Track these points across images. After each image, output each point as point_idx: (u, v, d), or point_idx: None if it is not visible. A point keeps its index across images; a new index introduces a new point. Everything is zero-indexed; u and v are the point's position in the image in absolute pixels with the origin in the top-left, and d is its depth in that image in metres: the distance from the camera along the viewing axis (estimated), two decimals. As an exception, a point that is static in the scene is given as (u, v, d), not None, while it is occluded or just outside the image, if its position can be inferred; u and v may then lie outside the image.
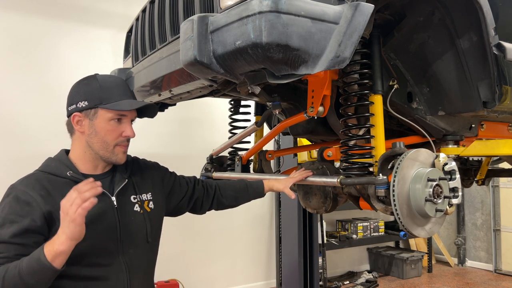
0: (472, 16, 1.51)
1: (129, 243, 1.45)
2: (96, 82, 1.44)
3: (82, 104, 1.42)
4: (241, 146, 2.45)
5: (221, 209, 1.85)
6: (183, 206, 1.75)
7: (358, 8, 1.19)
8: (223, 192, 1.82)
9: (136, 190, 1.53)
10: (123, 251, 1.43)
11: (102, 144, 1.42)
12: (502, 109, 1.72)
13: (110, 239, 1.40)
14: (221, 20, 1.19)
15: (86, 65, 4.11)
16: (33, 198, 1.31)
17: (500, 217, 5.69)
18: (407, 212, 1.40)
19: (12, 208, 1.30)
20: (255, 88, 1.74)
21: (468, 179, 3.02)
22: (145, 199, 1.54)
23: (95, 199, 1.18)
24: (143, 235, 1.49)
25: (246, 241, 4.97)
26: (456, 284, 5.25)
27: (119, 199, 1.45)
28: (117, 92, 1.44)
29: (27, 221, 1.27)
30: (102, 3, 4.28)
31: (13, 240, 1.25)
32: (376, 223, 5.44)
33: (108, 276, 1.38)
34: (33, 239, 1.27)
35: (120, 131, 1.44)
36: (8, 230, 1.26)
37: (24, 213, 1.29)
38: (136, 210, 1.49)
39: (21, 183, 1.38)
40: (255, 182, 1.88)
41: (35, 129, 3.86)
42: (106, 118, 1.41)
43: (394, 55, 1.73)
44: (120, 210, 1.44)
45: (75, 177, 1.40)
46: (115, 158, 1.45)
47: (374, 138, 1.59)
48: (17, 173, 1.57)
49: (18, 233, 1.26)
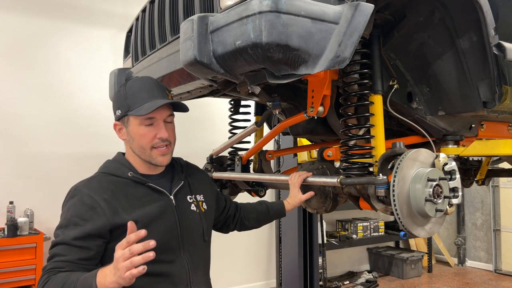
0: (472, 16, 1.51)
1: (189, 241, 1.48)
2: (124, 89, 1.46)
3: (118, 113, 1.47)
4: (241, 146, 2.45)
5: (242, 230, 1.90)
6: (220, 221, 1.79)
7: (358, 8, 1.19)
8: (246, 215, 1.86)
9: (192, 190, 1.57)
10: (183, 248, 1.46)
11: (140, 149, 1.44)
12: (502, 109, 1.72)
13: (172, 236, 1.43)
14: (221, 20, 1.19)
15: (86, 65, 4.11)
16: (97, 203, 1.34)
17: (500, 217, 5.69)
18: (407, 212, 1.40)
19: (77, 210, 1.34)
20: (255, 88, 1.74)
21: (468, 179, 3.02)
22: (199, 200, 1.58)
23: (145, 268, 1.11)
24: (200, 234, 1.54)
25: (246, 241, 4.97)
26: (456, 284, 5.25)
27: (177, 199, 1.49)
28: (141, 95, 1.42)
29: (89, 225, 1.31)
30: (102, 3, 4.28)
31: (75, 242, 1.29)
32: (376, 223, 5.44)
33: (172, 272, 1.41)
34: (94, 243, 1.31)
35: (154, 134, 1.43)
36: (71, 232, 1.30)
37: (87, 217, 1.32)
38: (192, 209, 1.53)
39: (85, 186, 1.40)
40: (276, 203, 1.94)
41: (35, 129, 3.86)
42: (136, 123, 1.43)
43: (394, 55, 1.73)
44: (179, 208, 1.48)
45: (136, 177, 1.44)
46: (155, 162, 1.46)
47: (374, 138, 1.59)
48: (17, 173, 1.58)
49: (80, 237, 1.29)
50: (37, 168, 3.82)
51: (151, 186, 1.45)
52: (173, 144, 1.50)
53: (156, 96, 1.44)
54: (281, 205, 1.92)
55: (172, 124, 1.51)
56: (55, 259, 1.29)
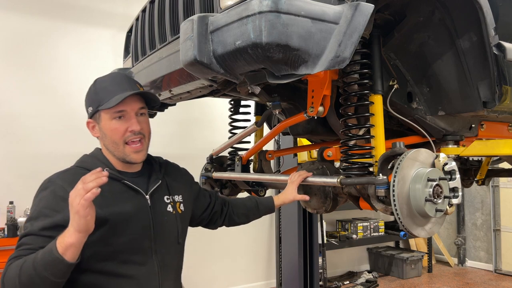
0: (472, 16, 1.51)
1: (162, 243, 1.45)
2: (94, 85, 1.45)
3: (89, 110, 1.45)
4: (241, 146, 2.45)
5: (231, 225, 1.88)
6: (204, 218, 1.77)
7: (358, 8, 1.19)
8: (235, 210, 1.85)
9: (170, 191, 1.54)
10: (156, 251, 1.43)
11: (113, 145, 1.42)
12: (502, 109, 1.72)
13: (144, 237, 1.40)
14: (221, 20, 1.19)
15: (86, 65, 4.11)
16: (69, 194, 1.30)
17: (500, 217, 5.69)
18: (407, 212, 1.40)
19: (49, 202, 1.31)
20: (255, 88, 1.74)
21: (468, 179, 3.02)
22: (177, 201, 1.55)
23: (98, 189, 1.13)
24: (175, 236, 1.51)
25: (246, 241, 4.97)
26: (456, 284, 5.25)
27: (153, 198, 1.46)
28: (111, 89, 1.41)
29: (60, 216, 1.27)
30: (102, 3, 4.28)
31: (42, 232, 1.25)
32: (376, 223, 5.44)
33: (141, 275, 1.38)
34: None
35: (125, 127, 1.41)
36: (40, 223, 1.27)
37: (59, 208, 1.28)
38: (169, 210, 1.50)
39: (59, 177, 1.37)
40: (265, 198, 1.92)
41: (35, 129, 3.86)
42: (107, 118, 1.41)
43: (394, 55, 1.73)
44: (154, 209, 1.45)
45: (112, 173, 1.39)
46: (129, 159, 1.43)
47: (374, 138, 1.59)
48: (17, 173, 1.57)
49: (49, 227, 1.26)
50: (37, 168, 3.81)
51: (126, 183, 1.41)
52: (147, 139, 1.46)
53: (126, 88, 1.42)
54: (270, 200, 1.90)
55: (145, 116, 1.47)
56: (20, 248, 1.26)
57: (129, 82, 1.46)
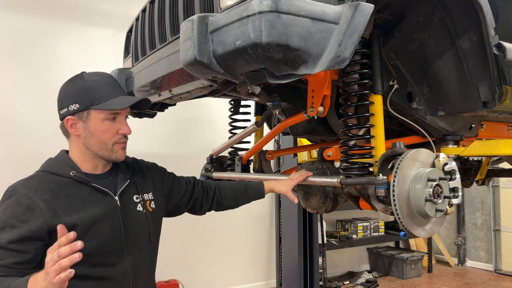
0: (472, 16, 1.51)
1: (133, 243, 1.45)
2: (84, 82, 1.41)
3: (73, 107, 1.39)
4: (241, 146, 2.45)
5: (221, 210, 1.85)
6: (182, 206, 1.74)
7: (358, 8, 1.19)
8: (223, 193, 1.82)
9: (138, 190, 1.53)
10: (128, 251, 1.42)
11: (100, 145, 1.41)
12: (502, 109, 1.72)
13: (115, 239, 1.40)
14: (221, 20, 1.19)
15: (86, 65, 4.10)
16: (35, 204, 1.28)
17: (500, 217, 5.69)
18: (407, 212, 1.40)
19: (14, 211, 1.27)
20: (255, 88, 1.73)
21: (468, 179, 3.02)
22: (147, 199, 1.54)
23: (72, 271, 1.06)
24: (146, 235, 1.50)
25: (246, 241, 4.97)
26: (456, 284, 5.25)
27: (122, 199, 1.45)
28: (106, 90, 1.41)
29: (26, 227, 1.25)
30: (102, 3, 4.28)
31: (11, 246, 1.23)
32: (376, 223, 5.44)
33: (114, 276, 1.38)
34: (32, 246, 1.25)
35: (116, 129, 1.42)
36: (7, 235, 1.24)
37: (24, 219, 1.26)
38: (139, 209, 1.49)
39: (23, 186, 1.34)
40: (255, 183, 1.88)
41: (35, 129, 3.86)
42: (100, 118, 1.39)
43: (394, 55, 1.73)
44: (124, 209, 1.44)
45: (79, 177, 1.38)
46: (115, 156, 1.43)
47: (374, 138, 1.59)
48: (17, 173, 1.57)
49: (16, 240, 1.23)
50: (37, 168, 3.81)
51: (94, 186, 1.39)
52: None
53: (120, 92, 1.45)
54: (260, 185, 1.86)
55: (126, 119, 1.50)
56: None
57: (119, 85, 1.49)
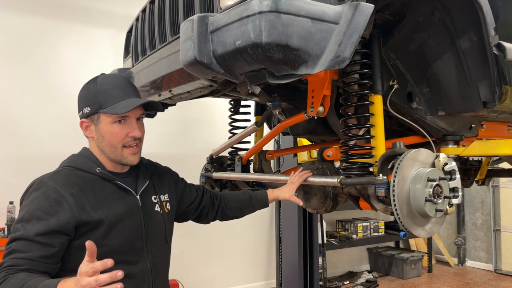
0: (472, 16, 1.51)
1: (152, 242, 1.47)
2: (94, 86, 1.41)
3: (86, 110, 1.41)
4: (241, 146, 2.45)
5: (225, 219, 1.89)
6: (190, 212, 1.77)
7: (358, 8, 1.19)
8: (228, 204, 1.84)
9: (156, 190, 1.55)
10: (147, 250, 1.45)
11: (110, 148, 1.41)
12: (502, 109, 1.72)
13: (137, 237, 1.42)
14: (221, 20, 1.19)
15: (86, 65, 4.11)
16: (64, 197, 1.29)
17: (500, 217, 5.69)
18: (407, 212, 1.40)
19: (41, 204, 1.27)
20: (255, 88, 1.74)
21: (468, 179, 3.03)
22: (163, 200, 1.57)
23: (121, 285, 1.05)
24: (163, 235, 1.53)
25: (246, 241, 4.97)
26: (456, 284, 5.25)
27: (142, 198, 1.48)
28: (114, 93, 1.40)
29: (54, 220, 1.24)
30: (102, 3, 4.28)
31: (37, 238, 1.22)
32: (376, 223, 5.44)
33: (135, 274, 1.40)
34: (58, 240, 1.25)
35: (126, 132, 1.41)
36: (34, 227, 1.23)
37: (52, 212, 1.26)
38: (157, 210, 1.52)
39: (51, 179, 1.34)
40: (259, 193, 1.90)
41: (35, 129, 3.86)
42: (108, 122, 1.39)
43: (394, 55, 1.73)
44: (144, 209, 1.47)
45: (104, 174, 1.40)
46: (125, 161, 1.43)
47: (374, 138, 1.59)
48: (17, 173, 1.57)
49: (43, 233, 1.23)
50: (37, 168, 3.80)
51: (118, 184, 1.41)
52: (142, 141, 1.48)
53: (130, 94, 1.43)
54: (264, 194, 1.88)
55: (142, 122, 1.49)
56: (14, 256, 1.21)
57: (132, 88, 1.47)
